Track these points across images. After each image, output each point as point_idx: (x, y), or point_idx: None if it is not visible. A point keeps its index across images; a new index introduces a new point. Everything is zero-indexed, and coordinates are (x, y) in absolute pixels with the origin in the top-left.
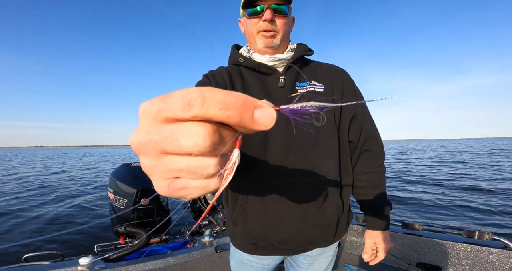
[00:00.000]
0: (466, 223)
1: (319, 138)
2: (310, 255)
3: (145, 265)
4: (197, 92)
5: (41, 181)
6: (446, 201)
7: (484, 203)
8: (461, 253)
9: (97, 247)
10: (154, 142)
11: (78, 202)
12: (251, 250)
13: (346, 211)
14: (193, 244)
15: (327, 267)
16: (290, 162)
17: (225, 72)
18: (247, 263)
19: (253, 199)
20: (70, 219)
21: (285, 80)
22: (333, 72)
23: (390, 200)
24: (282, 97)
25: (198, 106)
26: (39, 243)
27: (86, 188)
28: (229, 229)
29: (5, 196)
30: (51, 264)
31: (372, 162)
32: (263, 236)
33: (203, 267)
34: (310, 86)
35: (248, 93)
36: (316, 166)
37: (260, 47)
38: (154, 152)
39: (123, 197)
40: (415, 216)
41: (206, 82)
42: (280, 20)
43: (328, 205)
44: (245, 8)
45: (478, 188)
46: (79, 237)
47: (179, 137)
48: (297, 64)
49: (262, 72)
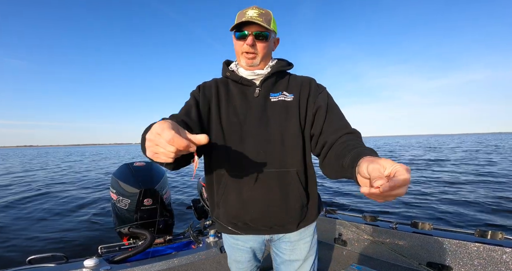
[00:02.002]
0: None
1: (285, 137)
2: (289, 241)
3: (150, 267)
4: (167, 138)
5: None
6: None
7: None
8: (473, 252)
9: (100, 248)
10: (152, 140)
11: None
12: (231, 230)
13: (314, 201)
14: (198, 244)
15: (308, 253)
16: (260, 157)
17: (214, 85)
18: (234, 246)
19: (231, 185)
20: (70, 218)
21: (260, 91)
22: (303, 82)
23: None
24: (257, 104)
25: (169, 143)
26: (41, 244)
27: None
28: (213, 214)
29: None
30: (56, 266)
31: (352, 137)
32: (238, 216)
33: (208, 268)
34: (281, 95)
35: (231, 101)
36: (282, 160)
37: (243, 65)
38: (152, 142)
39: (126, 197)
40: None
41: (196, 93)
42: (260, 44)
43: (291, 192)
44: (233, 31)
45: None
46: (81, 238)
47: (160, 145)
48: (273, 77)
49: (244, 84)
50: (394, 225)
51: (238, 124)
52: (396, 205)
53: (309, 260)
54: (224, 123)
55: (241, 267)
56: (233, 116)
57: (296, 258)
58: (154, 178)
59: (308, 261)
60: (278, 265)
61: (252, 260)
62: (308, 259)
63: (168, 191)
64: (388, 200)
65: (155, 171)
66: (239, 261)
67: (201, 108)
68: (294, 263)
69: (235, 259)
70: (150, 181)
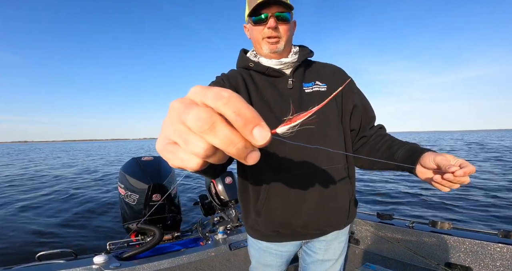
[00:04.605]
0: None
1: (327, 132)
2: (325, 240)
3: (159, 264)
4: (228, 94)
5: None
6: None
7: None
8: (495, 253)
9: (109, 244)
10: (178, 108)
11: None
12: (273, 238)
13: (354, 196)
14: (206, 241)
15: (341, 253)
16: (306, 154)
17: (238, 75)
18: (267, 250)
19: (274, 189)
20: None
21: (293, 82)
22: (334, 72)
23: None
24: (292, 96)
25: (221, 102)
26: (48, 239)
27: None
28: (249, 221)
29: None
30: (65, 263)
31: (385, 131)
32: (287, 223)
33: (218, 265)
34: (315, 86)
35: (262, 95)
36: (329, 156)
37: (265, 52)
38: (175, 116)
39: (135, 192)
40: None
41: (219, 83)
42: (283, 27)
43: (340, 190)
44: (250, 16)
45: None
46: (88, 234)
47: (190, 112)
48: (302, 66)
49: (272, 75)
50: (410, 224)
51: (275, 120)
52: (412, 205)
53: (340, 259)
54: None
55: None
56: (268, 111)
57: (329, 258)
58: (162, 173)
59: (339, 261)
60: (307, 264)
61: (283, 264)
62: (339, 258)
63: (176, 187)
64: (453, 187)
65: (163, 166)
66: (269, 265)
67: None
68: (326, 263)
69: (265, 263)
70: (159, 176)
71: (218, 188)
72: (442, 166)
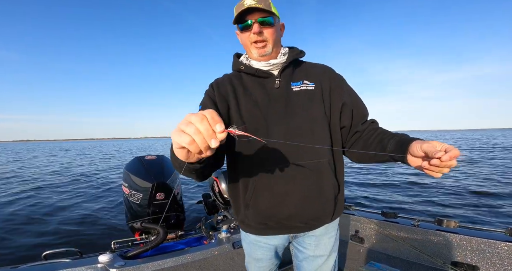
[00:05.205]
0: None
1: (314, 127)
2: (314, 235)
3: (163, 263)
4: (194, 118)
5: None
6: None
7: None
8: (503, 252)
9: (114, 243)
10: (186, 118)
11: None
12: (261, 231)
13: (342, 192)
14: (210, 240)
15: (333, 248)
16: (292, 149)
17: (227, 80)
18: (256, 243)
19: (261, 182)
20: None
21: (280, 81)
22: (323, 71)
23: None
24: (279, 95)
25: (194, 121)
26: (53, 238)
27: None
28: (240, 215)
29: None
30: (71, 261)
31: (377, 125)
32: (272, 215)
33: (221, 264)
34: (303, 84)
35: (251, 95)
36: (314, 151)
37: (255, 56)
38: (186, 122)
39: (139, 191)
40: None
41: (210, 92)
42: (268, 30)
43: (325, 183)
44: (236, 24)
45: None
46: (93, 232)
47: (189, 125)
48: (290, 66)
49: (260, 76)
50: (416, 223)
51: (261, 117)
52: (417, 203)
53: (333, 255)
54: (246, 118)
55: (261, 266)
56: (255, 110)
57: (320, 254)
58: (165, 172)
59: (331, 257)
60: (300, 261)
61: (273, 258)
62: (332, 254)
63: (179, 186)
64: (443, 172)
65: (166, 165)
66: (259, 259)
67: (220, 107)
68: (318, 259)
69: (255, 257)
70: (162, 175)
71: (222, 186)
72: (428, 152)
